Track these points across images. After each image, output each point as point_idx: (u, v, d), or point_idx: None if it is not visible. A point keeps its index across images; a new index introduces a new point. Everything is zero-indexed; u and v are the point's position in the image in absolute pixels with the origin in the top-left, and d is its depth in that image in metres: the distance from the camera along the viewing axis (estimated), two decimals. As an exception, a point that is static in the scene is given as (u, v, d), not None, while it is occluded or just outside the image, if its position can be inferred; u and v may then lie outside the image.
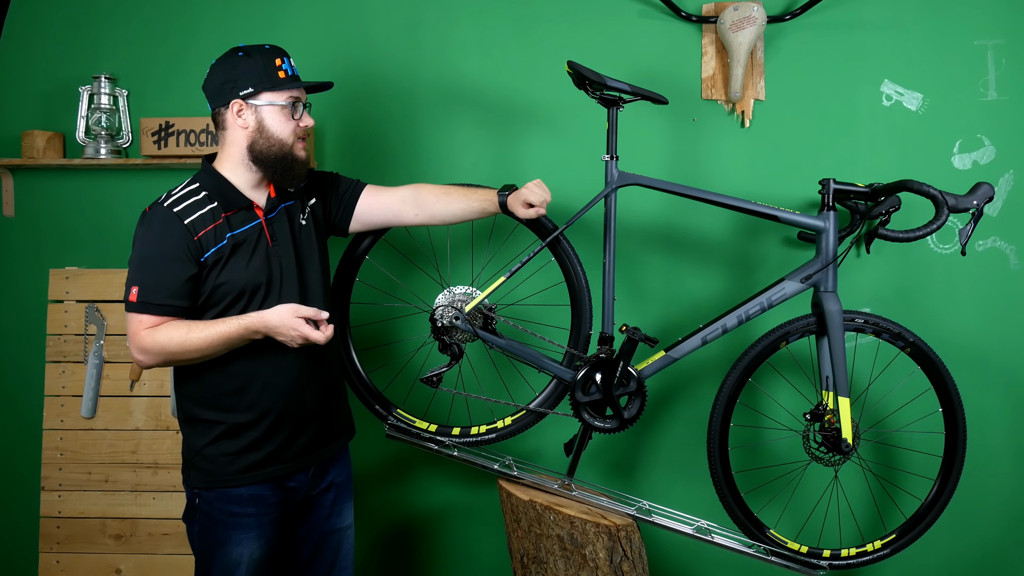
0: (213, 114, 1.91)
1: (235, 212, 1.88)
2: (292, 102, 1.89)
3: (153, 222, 1.83)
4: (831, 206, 2.24)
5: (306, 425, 1.96)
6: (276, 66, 1.88)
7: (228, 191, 1.88)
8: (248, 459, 1.88)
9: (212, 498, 1.88)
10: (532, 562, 2.18)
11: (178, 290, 1.79)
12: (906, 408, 2.57)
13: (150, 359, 1.80)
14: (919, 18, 2.58)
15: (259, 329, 1.81)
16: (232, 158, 1.90)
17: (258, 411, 1.88)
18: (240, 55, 1.87)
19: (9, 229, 2.79)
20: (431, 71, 2.68)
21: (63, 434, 2.63)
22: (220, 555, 1.88)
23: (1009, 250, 2.59)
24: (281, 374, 1.90)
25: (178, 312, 1.80)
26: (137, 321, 1.79)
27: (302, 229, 1.98)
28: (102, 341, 2.64)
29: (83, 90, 2.68)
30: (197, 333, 1.78)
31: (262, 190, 1.94)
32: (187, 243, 1.80)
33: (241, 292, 1.85)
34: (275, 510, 1.93)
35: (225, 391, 1.87)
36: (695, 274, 2.65)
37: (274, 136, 1.87)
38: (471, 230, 2.60)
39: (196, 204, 1.85)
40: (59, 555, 2.61)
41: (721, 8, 2.58)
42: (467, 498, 2.75)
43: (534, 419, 2.33)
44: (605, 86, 2.17)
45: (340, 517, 2.08)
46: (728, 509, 2.31)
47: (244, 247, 1.86)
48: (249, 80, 1.85)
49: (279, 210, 1.95)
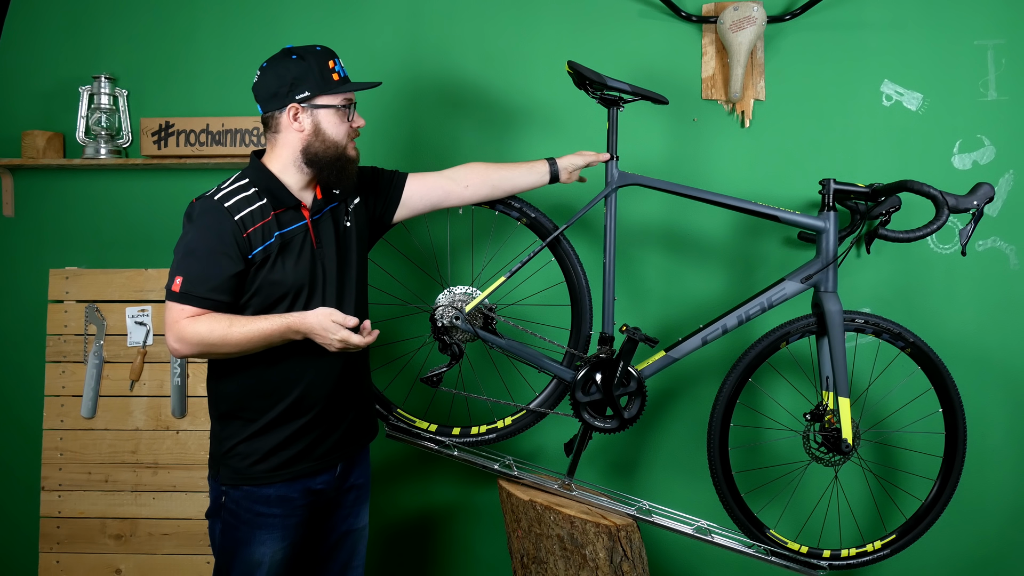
0: (265, 117, 1.89)
1: (284, 211, 1.87)
2: (346, 104, 1.90)
3: (204, 214, 1.81)
4: (831, 206, 2.24)
5: (338, 425, 1.96)
6: (330, 68, 1.88)
7: (278, 189, 1.87)
8: (279, 457, 1.88)
9: (239, 497, 1.87)
10: (532, 562, 2.18)
11: (222, 285, 1.78)
12: (906, 408, 2.57)
13: (187, 348, 1.78)
14: (919, 18, 2.58)
15: (299, 329, 1.80)
16: (282, 159, 1.89)
17: (295, 411, 1.88)
18: (294, 58, 1.85)
19: (9, 229, 2.79)
20: (431, 71, 2.68)
21: (63, 434, 2.63)
22: (242, 554, 1.87)
23: (1009, 250, 2.59)
24: (320, 375, 1.89)
25: (220, 307, 1.79)
26: (178, 310, 1.78)
27: (345, 232, 1.98)
28: (102, 341, 2.64)
29: (83, 90, 2.68)
30: (239, 328, 1.77)
31: (309, 191, 1.93)
32: (236, 239, 1.79)
33: (286, 292, 1.84)
34: (301, 512, 1.92)
35: (264, 390, 1.87)
36: (695, 274, 2.65)
37: (330, 139, 1.88)
38: (471, 230, 2.61)
39: (246, 200, 1.83)
40: (59, 555, 2.61)
41: (721, 8, 2.58)
42: (467, 498, 2.75)
43: (534, 419, 2.33)
44: (605, 86, 2.17)
45: (358, 518, 2.08)
46: (728, 509, 2.31)
47: (291, 247, 1.86)
48: (306, 84, 1.84)
49: (324, 212, 1.95)
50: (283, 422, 1.88)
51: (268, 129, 1.90)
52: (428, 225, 2.58)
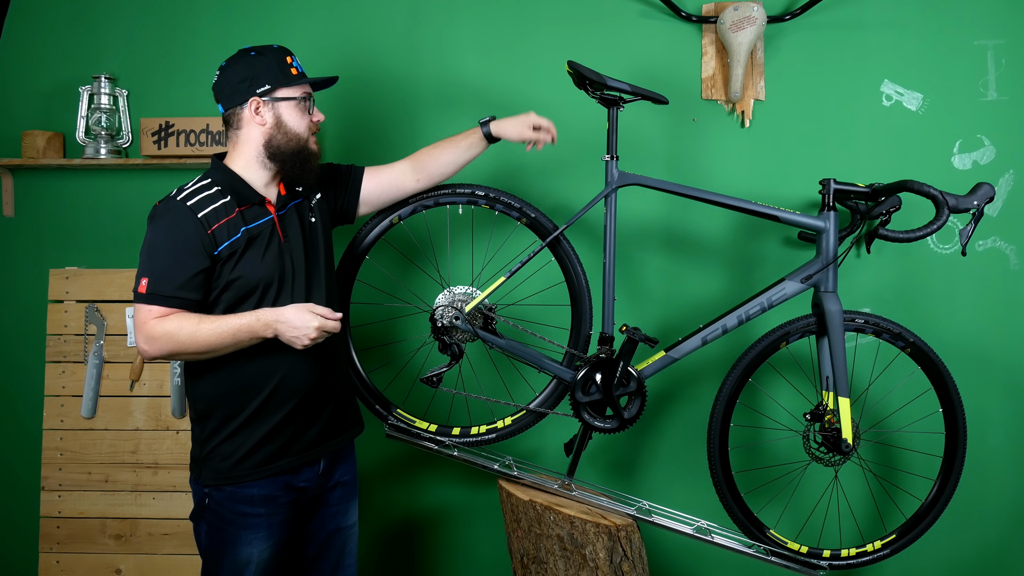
0: (226, 114, 1.92)
1: (248, 207, 1.89)
2: (305, 97, 1.94)
3: (166, 215, 1.83)
4: (831, 206, 2.24)
5: (317, 418, 1.96)
6: (288, 63, 1.93)
7: (241, 186, 1.89)
8: (261, 454, 1.88)
9: (222, 498, 1.88)
10: (532, 562, 2.18)
11: (189, 283, 1.79)
12: (906, 408, 2.57)
13: (156, 348, 1.78)
14: (919, 18, 2.58)
15: (270, 323, 1.81)
16: (245, 156, 1.92)
17: (273, 405, 1.88)
18: (253, 54, 1.90)
19: (9, 229, 2.79)
20: (431, 70, 2.68)
21: (63, 434, 2.63)
22: (229, 555, 1.88)
23: (1009, 250, 2.59)
24: (295, 367, 1.90)
25: (188, 305, 1.80)
26: (146, 311, 1.78)
27: (311, 227, 2.00)
28: (102, 341, 2.64)
29: (83, 90, 2.68)
30: (208, 324, 1.77)
31: (273, 187, 1.95)
32: (200, 236, 1.80)
33: (254, 287, 1.85)
34: (285, 510, 1.93)
35: (240, 387, 1.87)
36: (695, 274, 2.65)
37: (292, 131, 1.91)
38: (471, 230, 2.61)
39: (209, 198, 1.85)
40: (59, 555, 2.61)
41: (721, 8, 2.58)
42: (467, 498, 2.75)
43: (534, 419, 2.33)
44: (605, 86, 2.17)
45: (346, 516, 2.08)
46: (728, 509, 2.31)
47: (258, 242, 1.87)
48: (266, 78, 1.89)
49: (289, 207, 1.97)
50: (261, 418, 1.88)
51: (229, 127, 1.93)
52: (428, 225, 2.58)
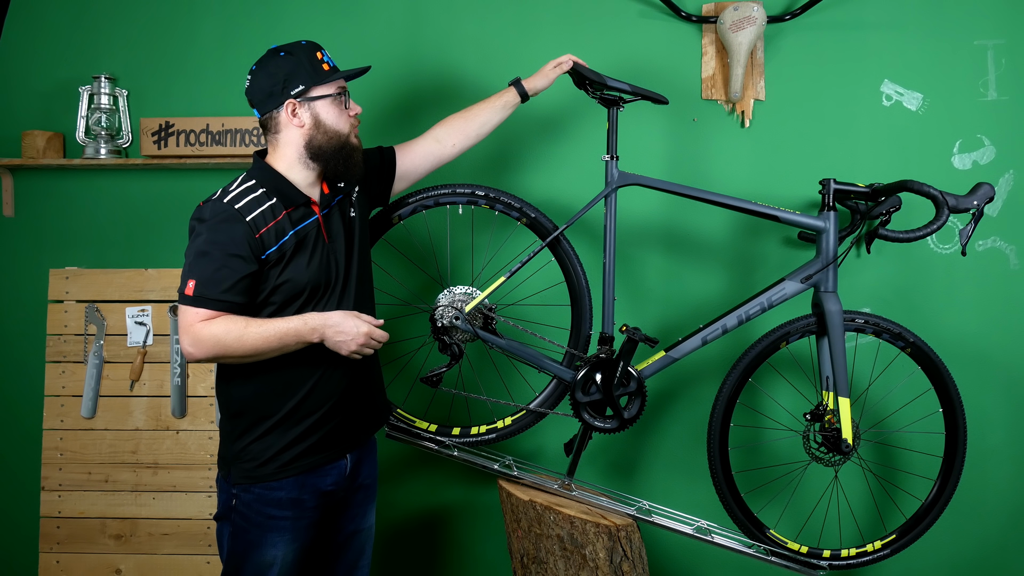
0: (262, 119, 1.89)
1: (295, 208, 1.86)
2: (340, 92, 1.90)
3: (215, 217, 1.79)
4: (831, 206, 2.24)
5: (354, 414, 1.96)
6: (319, 60, 1.88)
7: (287, 188, 1.86)
8: (292, 452, 1.86)
9: (250, 499, 1.85)
10: (532, 562, 2.18)
11: (236, 286, 1.76)
12: (906, 408, 2.57)
13: (203, 351, 1.75)
14: (919, 18, 2.58)
15: (317, 327, 1.80)
16: (286, 159, 1.88)
17: (310, 407, 1.87)
18: (283, 55, 1.85)
19: (9, 229, 2.79)
20: (431, 71, 2.68)
21: (63, 434, 2.63)
22: (253, 557, 1.86)
23: (1009, 250, 2.59)
24: (332, 372, 1.89)
25: (234, 308, 1.77)
26: (193, 313, 1.76)
27: (351, 222, 1.98)
28: (102, 341, 2.64)
29: (83, 90, 2.68)
30: (255, 328, 1.75)
31: (317, 187, 1.93)
32: (249, 240, 1.77)
33: (302, 290, 1.83)
34: (312, 515, 1.91)
35: (278, 387, 1.85)
36: (695, 274, 2.65)
37: (331, 129, 1.88)
38: (471, 230, 2.61)
39: (256, 201, 1.82)
40: (59, 555, 2.61)
41: (721, 8, 2.58)
42: (467, 498, 2.75)
43: (534, 419, 2.33)
44: (605, 86, 2.17)
45: (365, 518, 2.08)
46: (728, 509, 2.31)
47: (306, 244, 1.85)
48: (299, 78, 1.84)
49: (332, 206, 1.95)
50: (300, 417, 1.86)
51: (268, 131, 1.89)
52: (428, 225, 2.58)
